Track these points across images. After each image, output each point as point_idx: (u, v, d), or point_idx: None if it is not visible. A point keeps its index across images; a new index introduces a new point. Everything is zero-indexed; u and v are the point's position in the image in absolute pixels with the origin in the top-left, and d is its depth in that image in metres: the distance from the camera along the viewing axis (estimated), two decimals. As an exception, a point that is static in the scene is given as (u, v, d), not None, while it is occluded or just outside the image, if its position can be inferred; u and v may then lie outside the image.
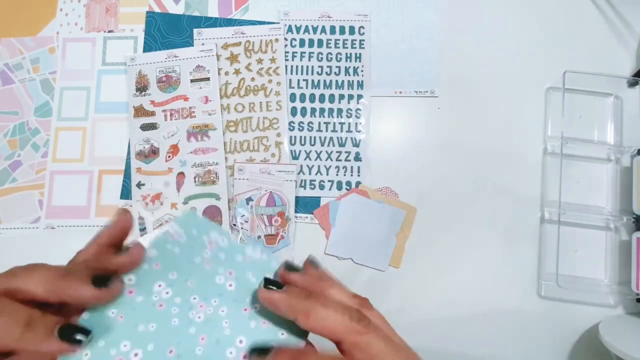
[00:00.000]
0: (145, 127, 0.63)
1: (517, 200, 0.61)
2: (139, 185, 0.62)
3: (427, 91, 0.64)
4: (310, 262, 0.28)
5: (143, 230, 0.60)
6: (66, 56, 0.66)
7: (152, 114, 0.63)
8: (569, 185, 0.60)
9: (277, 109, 0.64)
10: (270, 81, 0.64)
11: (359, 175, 0.62)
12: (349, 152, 0.63)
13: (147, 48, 0.65)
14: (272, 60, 0.65)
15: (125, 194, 0.62)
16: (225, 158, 0.62)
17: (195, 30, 0.65)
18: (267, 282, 0.25)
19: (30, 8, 0.67)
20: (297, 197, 0.61)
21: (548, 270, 0.59)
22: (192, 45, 0.65)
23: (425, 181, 0.62)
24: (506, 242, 0.60)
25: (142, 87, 0.64)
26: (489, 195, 0.61)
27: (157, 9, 0.67)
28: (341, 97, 0.64)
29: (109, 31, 0.67)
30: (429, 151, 0.63)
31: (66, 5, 0.67)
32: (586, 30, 0.65)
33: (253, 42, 0.65)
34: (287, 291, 0.25)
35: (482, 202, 0.61)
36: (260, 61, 0.65)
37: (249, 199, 0.60)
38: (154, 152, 0.62)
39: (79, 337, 0.22)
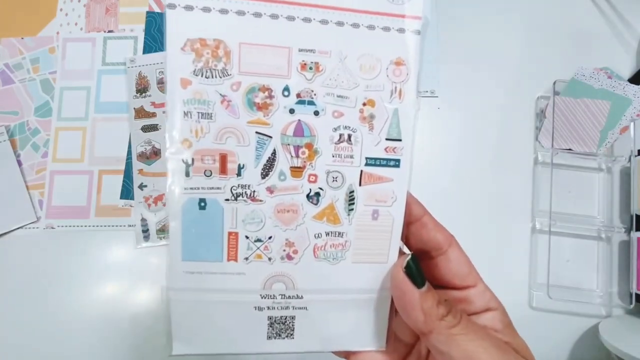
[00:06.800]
0: (147, 129, 0.63)
1: (508, 209, 0.60)
2: (141, 186, 0.62)
3: (427, 91, 0.64)
4: None
5: (146, 232, 0.60)
6: (66, 56, 0.66)
7: (153, 115, 0.63)
8: (560, 195, 0.59)
9: (277, 109, 0.63)
10: (270, 81, 0.64)
11: (359, 176, 0.62)
12: (349, 153, 0.63)
13: (147, 48, 0.65)
14: (273, 60, 0.64)
15: (126, 193, 0.62)
16: (226, 158, 0.62)
17: (195, 31, 0.65)
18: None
19: (30, 8, 0.67)
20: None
21: (539, 281, 0.58)
22: (193, 46, 0.65)
23: (423, 181, 0.62)
24: (497, 251, 0.60)
25: (142, 89, 0.64)
26: (480, 205, 0.61)
27: (157, 9, 0.67)
28: (342, 97, 0.64)
29: (109, 31, 0.66)
30: (428, 151, 0.63)
31: (66, 5, 0.67)
32: (586, 31, 0.65)
33: (253, 42, 0.65)
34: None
35: (474, 211, 0.61)
36: (260, 61, 0.64)
37: None
38: (156, 153, 0.62)
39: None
